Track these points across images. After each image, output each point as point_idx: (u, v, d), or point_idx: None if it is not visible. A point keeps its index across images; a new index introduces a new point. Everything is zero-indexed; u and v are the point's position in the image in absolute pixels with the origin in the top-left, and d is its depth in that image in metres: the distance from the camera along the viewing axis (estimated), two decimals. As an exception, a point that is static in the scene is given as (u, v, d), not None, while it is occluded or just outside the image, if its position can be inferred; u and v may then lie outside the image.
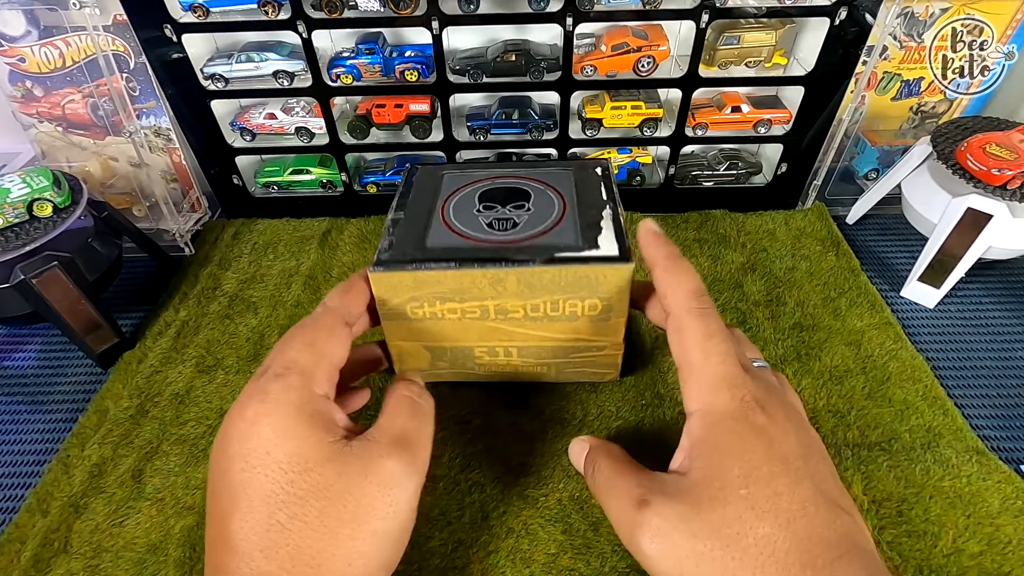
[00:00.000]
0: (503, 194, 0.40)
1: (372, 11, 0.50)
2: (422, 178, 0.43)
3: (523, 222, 0.37)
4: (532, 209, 0.38)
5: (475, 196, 0.40)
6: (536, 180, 0.41)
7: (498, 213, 0.38)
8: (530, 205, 0.38)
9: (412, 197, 0.41)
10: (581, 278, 0.34)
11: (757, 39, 0.53)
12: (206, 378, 0.46)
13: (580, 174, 0.41)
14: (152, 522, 0.37)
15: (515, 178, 0.41)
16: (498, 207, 0.38)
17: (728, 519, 0.24)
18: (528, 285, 0.34)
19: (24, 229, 0.44)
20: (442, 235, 0.36)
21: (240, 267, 0.56)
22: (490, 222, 0.37)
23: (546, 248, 0.34)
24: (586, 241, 0.35)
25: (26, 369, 0.50)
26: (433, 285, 0.34)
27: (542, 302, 0.35)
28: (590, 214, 0.37)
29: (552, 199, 0.39)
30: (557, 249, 0.34)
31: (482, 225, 0.37)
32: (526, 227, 0.36)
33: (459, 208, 0.39)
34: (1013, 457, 0.40)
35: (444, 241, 0.36)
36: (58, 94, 0.55)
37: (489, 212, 0.38)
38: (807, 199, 0.61)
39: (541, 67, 0.54)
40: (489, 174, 0.42)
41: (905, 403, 0.42)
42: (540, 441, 0.40)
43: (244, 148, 0.59)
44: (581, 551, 0.35)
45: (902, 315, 0.51)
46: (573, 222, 0.37)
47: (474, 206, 0.39)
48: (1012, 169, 0.46)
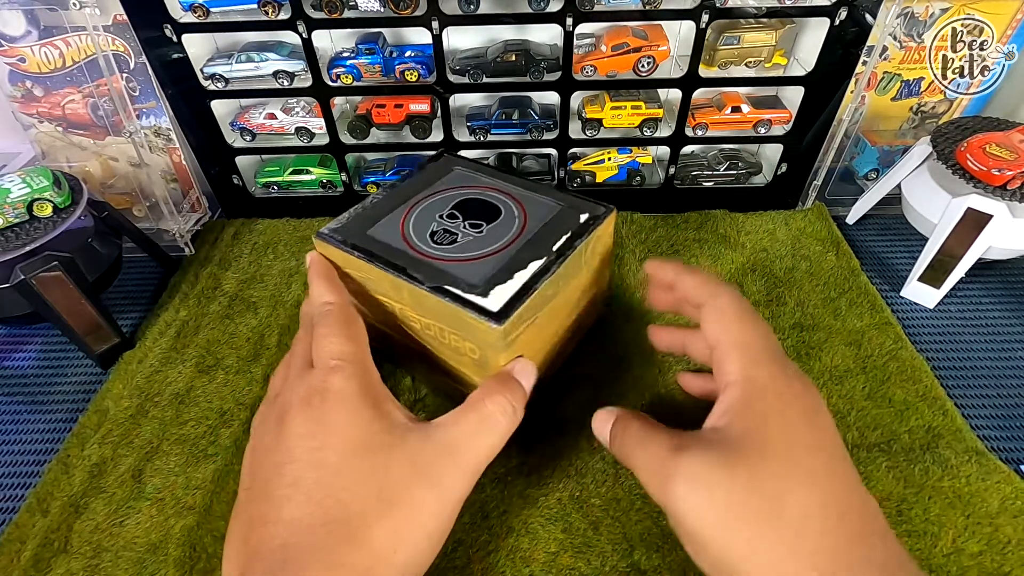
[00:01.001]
0: (476, 207, 0.40)
1: (372, 11, 0.50)
2: (437, 166, 0.45)
3: (462, 243, 0.37)
4: (483, 233, 0.38)
5: (451, 202, 0.41)
6: (518, 203, 0.41)
7: (450, 225, 0.39)
8: (487, 229, 0.38)
9: (409, 182, 0.43)
10: (458, 319, 0.34)
11: (757, 39, 0.53)
12: (206, 378, 0.46)
13: (566, 214, 0.40)
14: (152, 522, 0.38)
15: (505, 195, 0.41)
16: (459, 219, 0.39)
17: (770, 474, 0.24)
18: (419, 303, 0.35)
19: (24, 229, 0.45)
20: (388, 231, 0.38)
21: (240, 267, 0.56)
22: (434, 232, 0.38)
23: (446, 277, 0.34)
24: (484, 286, 0.34)
25: (26, 369, 0.50)
26: (356, 270, 0.37)
27: (433, 323, 0.36)
28: (520, 259, 0.36)
29: (511, 229, 0.38)
30: (455, 282, 0.34)
31: (425, 234, 0.38)
32: (459, 249, 0.37)
33: (427, 210, 0.40)
34: (1013, 457, 0.40)
35: (384, 236, 0.38)
36: (58, 94, 0.55)
37: (446, 222, 0.39)
38: (807, 199, 0.61)
39: (541, 67, 0.54)
40: (488, 183, 0.43)
41: (905, 403, 0.42)
42: (540, 441, 0.40)
43: (244, 148, 0.59)
44: (581, 550, 0.35)
45: (902, 315, 0.51)
46: (499, 260, 0.36)
47: (441, 210, 0.40)
48: (1012, 169, 0.46)
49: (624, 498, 0.37)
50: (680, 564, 0.34)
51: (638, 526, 0.36)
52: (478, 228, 0.38)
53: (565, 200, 0.41)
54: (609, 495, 0.38)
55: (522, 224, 0.39)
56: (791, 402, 0.26)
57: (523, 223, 0.39)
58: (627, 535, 0.36)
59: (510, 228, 0.38)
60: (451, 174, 0.44)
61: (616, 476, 0.39)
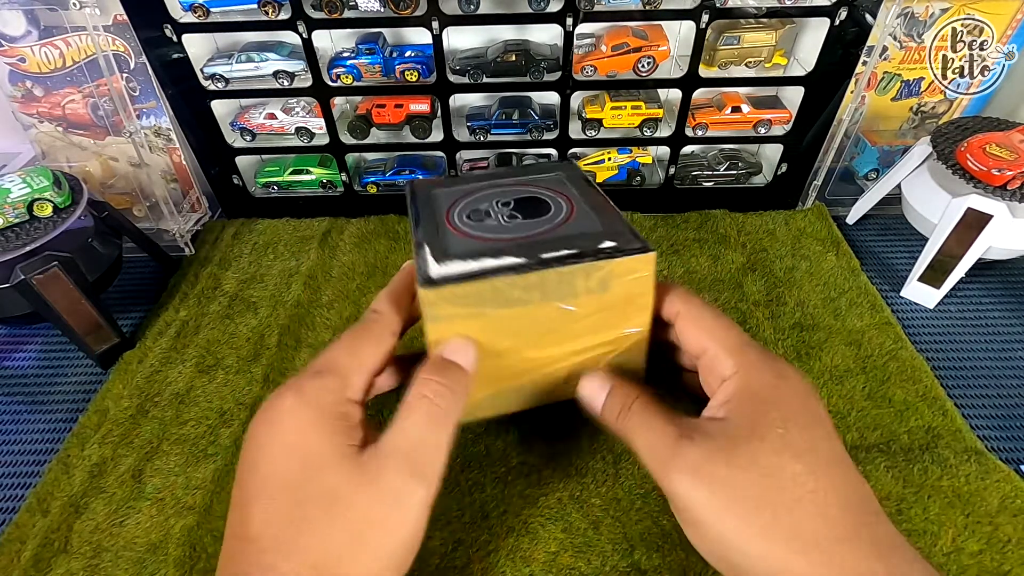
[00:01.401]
0: (531, 203, 0.36)
1: (372, 11, 0.50)
2: (422, 196, 0.38)
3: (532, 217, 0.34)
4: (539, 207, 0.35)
5: (474, 207, 0.36)
6: (527, 183, 0.37)
7: (495, 209, 0.35)
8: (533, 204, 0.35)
9: (422, 215, 0.36)
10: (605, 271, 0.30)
11: (757, 39, 0.53)
12: (206, 378, 0.46)
13: (567, 170, 0.38)
14: (152, 522, 0.38)
15: (513, 185, 0.38)
16: (510, 205, 0.36)
17: (766, 452, 0.25)
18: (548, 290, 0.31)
19: (24, 229, 0.45)
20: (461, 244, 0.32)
21: (240, 267, 0.56)
22: (499, 217, 0.34)
23: (570, 238, 0.31)
24: (606, 229, 0.32)
25: (26, 369, 0.50)
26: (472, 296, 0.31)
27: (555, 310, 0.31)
28: (595, 202, 0.34)
29: (552, 196, 0.36)
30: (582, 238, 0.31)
31: (490, 223, 0.34)
32: (540, 221, 0.34)
33: (464, 215, 0.35)
34: (1012, 457, 0.40)
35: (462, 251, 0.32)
36: (58, 94, 0.55)
37: (501, 209, 0.35)
38: (807, 199, 0.61)
39: (541, 67, 0.54)
40: (477, 187, 0.38)
41: (905, 403, 0.42)
42: (540, 441, 0.40)
43: (244, 148, 0.59)
44: (581, 549, 0.35)
45: (902, 315, 0.51)
46: (585, 211, 0.34)
47: (480, 212, 0.35)
48: (1012, 169, 0.46)
49: (624, 498, 0.37)
50: (680, 564, 0.34)
51: (638, 526, 0.36)
52: (515, 217, 0.34)
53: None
54: (609, 495, 0.38)
55: (554, 190, 0.36)
56: (784, 389, 0.27)
57: (552, 189, 0.36)
58: (627, 535, 0.36)
59: (550, 197, 0.36)
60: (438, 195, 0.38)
61: (616, 476, 0.39)
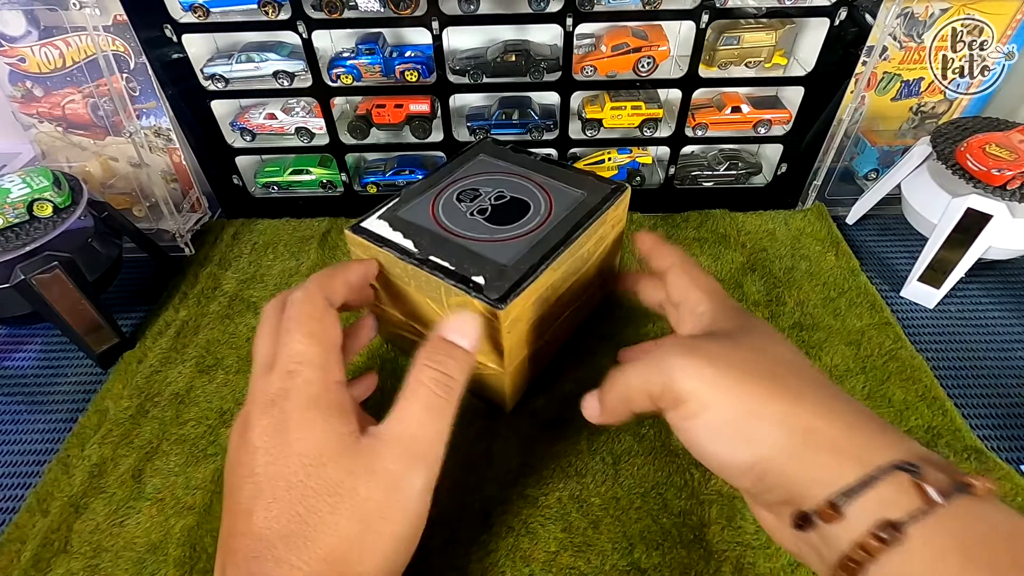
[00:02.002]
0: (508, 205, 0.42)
1: (372, 11, 0.50)
2: (473, 151, 0.47)
3: (495, 219, 0.40)
4: (516, 214, 0.40)
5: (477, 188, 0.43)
6: (541, 188, 0.43)
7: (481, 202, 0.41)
8: (518, 211, 0.41)
9: (442, 170, 0.45)
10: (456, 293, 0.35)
11: (757, 39, 0.53)
12: (206, 378, 0.46)
13: (590, 194, 0.42)
14: (152, 522, 0.38)
15: (526, 179, 0.44)
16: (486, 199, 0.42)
17: (757, 337, 0.28)
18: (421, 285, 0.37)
19: (24, 229, 0.45)
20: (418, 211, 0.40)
21: (240, 267, 0.56)
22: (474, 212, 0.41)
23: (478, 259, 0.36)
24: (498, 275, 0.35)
25: (26, 369, 0.50)
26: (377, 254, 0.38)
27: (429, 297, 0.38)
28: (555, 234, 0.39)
29: (539, 208, 0.41)
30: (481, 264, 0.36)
31: (460, 211, 0.40)
32: (493, 225, 0.39)
33: (454, 196, 0.42)
34: (1013, 457, 0.40)
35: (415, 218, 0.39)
36: (58, 94, 0.55)
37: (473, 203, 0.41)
38: (807, 199, 0.61)
39: (541, 67, 0.54)
40: (512, 169, 0.45)
41: (904, 403, 0.42)
42: (540, 442, 0.40)
43: (244, 148, 0.59)
44: (581, 549, 0.35)
45: (902, 315, 0.51)
46: (528, 242, 0.38)
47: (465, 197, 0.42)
48: (1012, 169, 0.46)
49: (624, 497, 0.37)
50: (680, 562, 0.34)
51: (638, 525, 0.36)
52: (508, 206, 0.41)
53: (585, 184, 0.43)
54: (609, 495, 0.38)
55: (548, 206, 0.41)
56: (754, 323, 0.30)
57: (548, 204, 0.41)
58: (627, 534, 0.36)
59: (538, 207, 0.41)
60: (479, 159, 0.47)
61: (616, 476, 0.39)
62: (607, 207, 0.40)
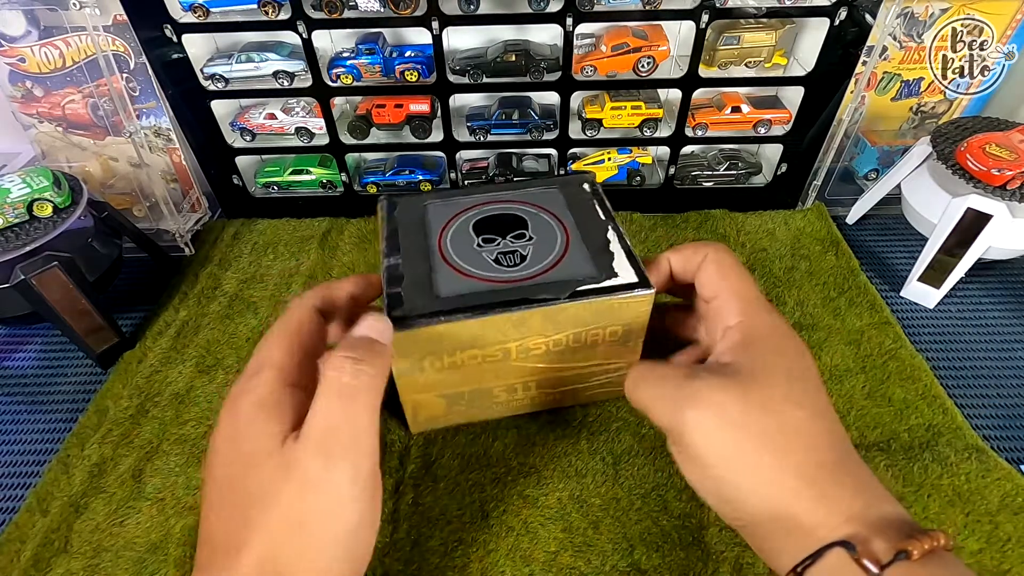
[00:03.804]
0: (499, 223, 0.38)
1: (372, 11, 0.50)
2: (404, 212, 0.40)
3: (530, 254, 0.36)
4: (534, 238, 0.37)
5: (470, 227, 0.38)
6: (527, 203, 0.40)
7: (501, 247, 0.36)
8: (531, 233, 0.37)
9: (402, 236, 0.38)
10: (604, 309, 0.34)
11: (757, 39, 0.53)
12: (206, 378, 0.46)
13: (569, 192, 0.40)
14: (152, 522, 0.38)
15: (506, 203, 0.40)
16: (499, 239, 0.37)
17: (776, 399, 0.27)
18: (553, 321, 0.34)
19: (24, 229, 0.45)
20: (451, 280, 0.34)
21: (240, 267, 0.56)
22: (496, 257, 0.36)
23: (565, 282, 0.34)
24: (602, 270, 0.34)
25: (26, 369, 0.50)
26: (454, 337, 0.33)
27: (564, 336, 0.35)
28: (595, 237, 0.37)
29: (550, 224, 0.38)
30: (577, 282, 0.34)
31: (489, 262, 0.35)
32: (535, 259, 0.35)
33: (457, 244, 0.37)
34: (1013, 457, 0.40)
35: (456, 287, 0.34)
36: (58, 94, 0.55)
37: (491, 246, 0.36)
38: (807, 199, 0.61)
39: (541, 67, 0.54)
40: (475, 200, 0.40)
41: (904, 402, 0.42)
42: (540, 442, 0.40)
43: (244, 148, 0.59)
44: (581, 549, 0.35)
45: (902, 315, 0.51)
46: (581, 249, 0.36)
47: (473, 240, 0.37)
48: (1012, 169, 0.46)
49: (624, 498, 0.37)
50: (680, 563, 0.34)
51: (638, 526, 0.36)
52: (525, 237, 0.37)
53: (551, 183, 0.41)
54: (609, 495, 0.38)
55: (552, 216, 0.39)
56: (782, 341, 0.30)
57: (551, 215, 0.39)
58: (627, 534, 0.36)
59: (548, 224, 0.38)
60: (429, 208, 0.40)
61: (616, 476, 0.39)
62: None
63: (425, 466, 0.39)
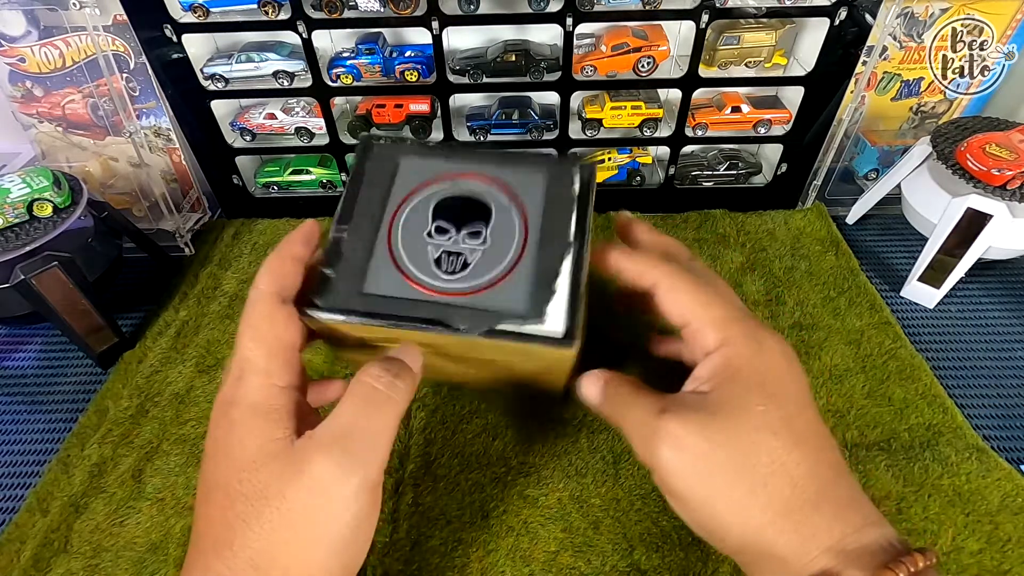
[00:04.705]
0: (461, 209, 0.34)
1: (372, 11, 0.50)
2: (376, 162, 0.36)
3: (475, 262, 0.33)
4: (488, 242, 0.33)
5: (430, 207, 0.34)
6: (503, 188, 0.35)
7: (450, 243, 0.33)
8: (487, 235, 0.33)
9: (361, 197, 0.35)
10: (520, 350, 0.32)
11: (757, 39, 0.53)
12: (206, 378, 0.46)
13: (552, 183, 0.35)
14: (152, 522, 0.38)
15: (481, 178, 0.35)
16: (452, 232, 0.34)
17: (747, 429, 0.26)
18: (465, 346, 0.32)
19: (24, 229, 0.45)
20: (384, 276, 0.32)
21: (240, 267, 0.56)
22: (439, 256, 0.33)
23: (488, 314, 0.31)
24: (533, 309, 0.31)
25: (26, 369, 0.50)
26: (363, 331, 0.32)
27: (479, 357, 0.34)
28: (548, 261, 0.32)
29: (513, 225, 0.34)
30: (500, 316, 0.31)
31: (429, 261, 0.33)
32: (476, 272, 0.32)
33: (410, 227, 0.34)
34: (1013, 457, 0.40)
35: (385, 286, 0.32)
36: (58, 94, 0.55)
37: (441, 238, 0.33)
38: (807, 199, 0.61)
39: (541, 67, 0.54)
40: (451, 168, 0.36)
41: (904, 402, 0.42)
42: (540, 442, 0.40)
43: (244, 148, 0.59)
44: (581, 549, 0.35)
45: (902, 315, 0.51)
46: (527, 271, 0.32)
47: (427, 226, 0.34)
48: (1012, 169, 0.46)
49: (624, 498, 0.37)
50: (680, 564, 0.34)
51: (638, 526, 0.36)
52: (479, 238, 0.33)
53: (541, 163, 0.36)
54: (609, 495, 0.38)
55: (519, 211, 0.34)
56: (766, 361, 0.28)
57: (520, 208, 0.34)
58: (627, 535, 0.36)
59: (510, 223, 0.34)
60: (401, 166, 0.36)
61: (616, 476, 0.39)
62: None
63: (425, 466, 0.39)
